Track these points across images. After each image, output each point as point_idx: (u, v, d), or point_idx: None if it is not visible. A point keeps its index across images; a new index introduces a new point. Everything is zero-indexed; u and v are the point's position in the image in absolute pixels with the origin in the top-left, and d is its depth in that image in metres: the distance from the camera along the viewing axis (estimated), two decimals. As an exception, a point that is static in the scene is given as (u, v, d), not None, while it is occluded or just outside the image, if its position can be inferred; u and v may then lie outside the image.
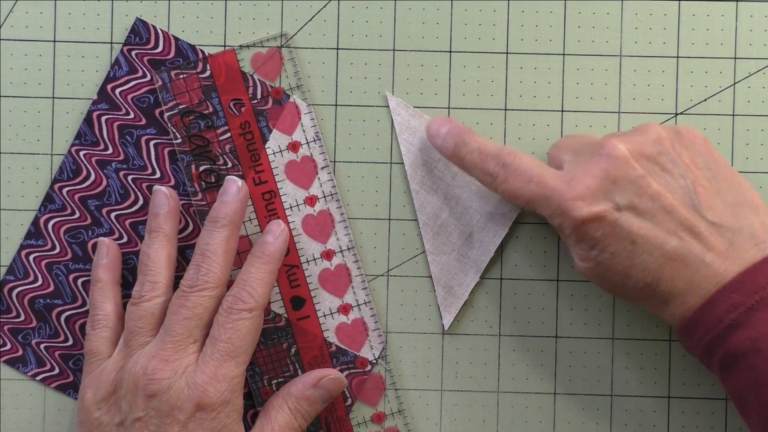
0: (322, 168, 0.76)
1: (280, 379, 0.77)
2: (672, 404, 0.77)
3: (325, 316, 0.77)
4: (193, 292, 0.71)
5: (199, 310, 0.71)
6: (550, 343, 0.77)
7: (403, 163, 0.77)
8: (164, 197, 0.74)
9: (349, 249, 0.77)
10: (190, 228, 0.77)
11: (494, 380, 0.77)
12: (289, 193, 0.76)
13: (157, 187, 0.75)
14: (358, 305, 0.77)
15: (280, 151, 0.76)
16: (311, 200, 0.76)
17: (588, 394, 0.77)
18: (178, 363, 0.70)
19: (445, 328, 0.77)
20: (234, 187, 0.74)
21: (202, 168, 0.76)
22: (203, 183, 0.76)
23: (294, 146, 0.76)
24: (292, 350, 0.77)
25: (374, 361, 0.77)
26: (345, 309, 0.77)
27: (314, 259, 0.77)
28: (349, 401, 0.77)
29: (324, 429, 0.76)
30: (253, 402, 0.76)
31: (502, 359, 0.77)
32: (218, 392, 0.69)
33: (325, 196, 0.76)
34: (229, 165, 0.76)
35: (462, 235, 0.77)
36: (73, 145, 0.77)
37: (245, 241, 0.76)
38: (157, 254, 0.73)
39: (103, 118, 0.77)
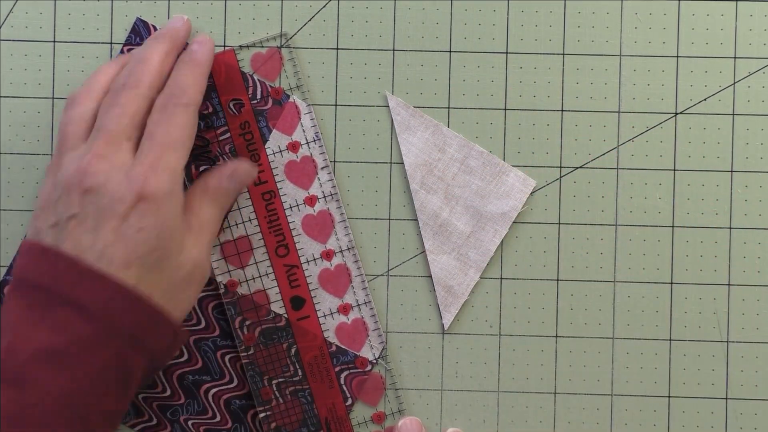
0: (322, 168, 0.76)
1: (280, 379, 0.76)
2: (672, 404, 0.77)
3: (325, 316, 0.77)
4: (125, 90, 0.69)
5: (131, 108, 0.69)
6: (550, 343, 0.77)
7: (403, 163, 0.77)
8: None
9: (349, 249, 0.77)
10: (190, 228, 0.77)
11: (494, 380, 0.77)
12: (289, 193, 0.76)
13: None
14: (358, 305, 0.77)
15: (280, 151, 0.76)
16: (311, 200, 0.76)
17: (588, 394, 0.77)
18: (114, 157, 0.68)
19: (445, 328, 0.77)
20: (180, 18, 0.75)
21: (201, 168, 0.76)
22: (203, 183, 0.76)
23: (294, 146, 0.76)
24: (293, 350, 0.77)
25: (374, 361, 0.77)
26: (345, 309, 0.77)
27: (314, 259, 0.77)
28: (350, 401, 0.77)
29: (324, 429, 0.76)
30: (254, 402, 0.76)
31: (502, 359, 0.77)
32: (159, 181, 0.67)
33: (325, 196, 0.76)
34: (229, 165, 0.76)
35: (462, 235, 0.77)
36: (73, 145, 0.77)
37: (245, 241, 0.76)
38: (107, 70, 0.72)
39: (103, 118, 0.77)
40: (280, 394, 0.76)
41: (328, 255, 0.77)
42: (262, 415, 0.76)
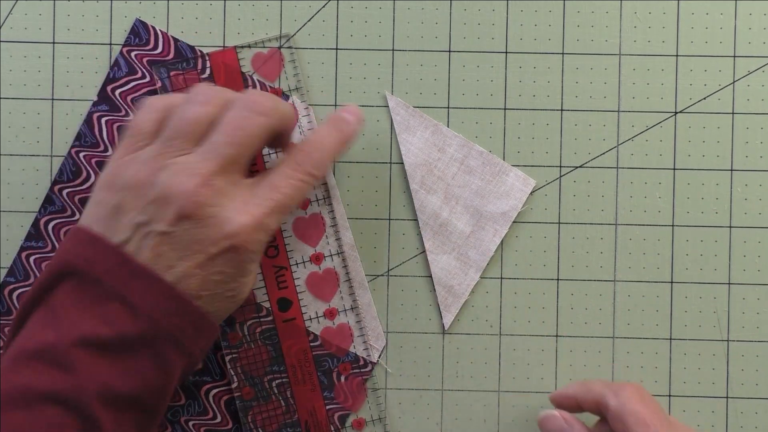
0: (316, 171, 0.76)
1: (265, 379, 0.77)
2: (673, 403, 0.77)
3: (311, 319, 0.76)
4: (255, 115, 0.68)
5: (255, 138, 0.68)
6: (550, 343, 0.77)
7: (403, 163, 0.77)
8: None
9: (338, 254, 0.76)
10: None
11: (495, 380, 0.77)
12: (282, 195, 0.76)
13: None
14: (345, 310, 0.77)
15: (276, 152, 0.76)
16: (303, 203, 0.76)
17: (588, 394, 0.77)
18: (224, 189, 0.66)
19: (446, 328, 0.77)
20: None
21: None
22: (202, 184, 0.76)
23: (289, 148, 0.76)
24: (277, 351, 0.76)
25: (359, 367, 0.77)
26: (331, 313, 0.77)
27: (303, 262, 0.77)
28: (331, 406, 0.77)
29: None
30: (254, 403, 0.77)
31: (503, 359, 0.77)
32: (254, 241, 0.67)
33: (317, 200, 0.76)
34: (228, 166, 0.76)
35: (462, 235, 0.77)
36: (72, 146, 0.77)
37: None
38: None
39: (103, 120, 0.77)
40: (263, 394, 0.77)
41: (317, 258, 0.77)
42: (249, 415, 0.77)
